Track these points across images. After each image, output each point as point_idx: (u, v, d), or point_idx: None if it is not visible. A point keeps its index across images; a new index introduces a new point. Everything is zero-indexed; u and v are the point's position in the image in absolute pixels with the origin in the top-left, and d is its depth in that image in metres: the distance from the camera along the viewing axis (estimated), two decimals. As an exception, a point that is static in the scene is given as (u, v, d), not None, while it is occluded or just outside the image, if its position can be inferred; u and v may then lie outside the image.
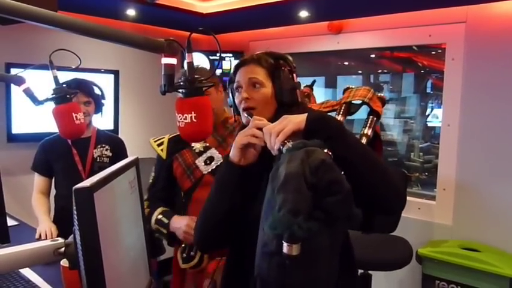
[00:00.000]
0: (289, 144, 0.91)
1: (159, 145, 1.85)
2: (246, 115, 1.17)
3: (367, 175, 0.97)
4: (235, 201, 1.10)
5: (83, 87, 2.23)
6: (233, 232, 1.15)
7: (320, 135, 0.93)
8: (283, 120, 0.98)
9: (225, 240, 1.21)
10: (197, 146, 1.79)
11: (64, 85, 2.06)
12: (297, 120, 0.97)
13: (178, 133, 1.79)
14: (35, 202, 2.24)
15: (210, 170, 1.74)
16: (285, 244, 0.80)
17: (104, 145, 2.35)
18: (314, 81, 1.81)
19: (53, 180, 2.34)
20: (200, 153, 1.78)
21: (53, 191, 2.35)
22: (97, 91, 2.33)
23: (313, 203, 0.81)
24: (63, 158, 2.28)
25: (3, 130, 3.01)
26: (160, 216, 1.75)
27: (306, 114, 0.99)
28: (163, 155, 1.82)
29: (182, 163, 1.78)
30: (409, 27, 2.92)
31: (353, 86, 1.38)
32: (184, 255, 1.75)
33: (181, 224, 1.69)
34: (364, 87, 1.34)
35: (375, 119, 1.29)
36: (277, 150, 0.94)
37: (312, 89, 1.75)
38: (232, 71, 1.27)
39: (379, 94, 1.33)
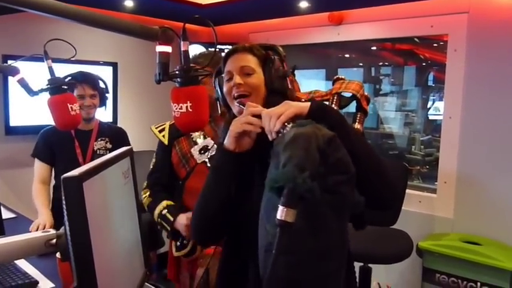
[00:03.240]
0: (291, 125, 0.88)
1: (160, 131, 1.85)
2: (237, 104, 1.14)
3: (364, 167, 0.95)
4: (231, 189, 1.08)
5: (90, 80, 2.25)
6: (229, 222, 1.14)
7: (321, 123, 0.91)
8: (284, 104, 0.97)
9: (222, 231, 1.19)
10: (195, 134, 1.78)
11: (69, 77, 2.08)
12: (299, 105, 0.97)
13: None
14: (36, 193, 2.20)
15: (203, 159, 1.74)
16: (280, 208, 0.74)
17: (104, 138, 2.36)
18: (295, 67, 1.80)
19: (53, 170, 2.32)
20: (196, 142, 1.77)
21: (52, 182, 2.33)
22: (101, 84, 2.34)
23: (320, 181, 0.77)
24: (66, 149, 2.27)
25: (1, 123, 2.99)
26: (165, 212, 1.73)
27: (309, 102, 0.99)
28: (165, 141, 1.81)
29: (178, 151, 1.78)
30: (411, 18, 2.88)
31: (343, 76, 1.36)
32: (178, 243, 1.76)
33: (184, 220, 1.68)
34: (357, 82, 1.32)
35: (363, 116, 1.28)
36: (277, 132, 0.92)
37: (294, 75, 1.74)
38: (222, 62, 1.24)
39: (365, 93, 1.32)
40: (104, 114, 2.54)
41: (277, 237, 0.75)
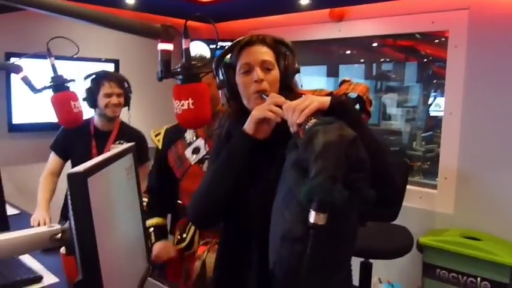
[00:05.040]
0: (315, 120, 0.91)
1: (156, 135, 1.92)
2: (260, 95, 1.14)
3: (375, 166, 0.95)
4: (243, 173, 1.11)
5: (117, 79, 2.26)
6: (231, 207, 1.16)
7: (340, 118, 0.93)
8: (306, 98, 0.99)
9: (223, 215, 1.20)
10: (188, 136, 1.83)
11: (94, 75, 2.16)
12: (321, 100, 0.99)
13: (175, 123, 1.83)
14: (41, 182, 2.22)
15: (196, 160, 1.78)
16: (312, 213, 0.79)
17: (122, 142, 2.31)
18: None
19: (71, 166, 2.33)
20: (190, 144, 1.82)
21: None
22: (125, 84, 2.35)
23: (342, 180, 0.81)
24: (82, 148, 2.27)
25: (4, 120, 3.01)
26: (151, 230, 1.86)
27: (328, 97, 1.01)
28: (159, 145, 1.89)
29: (175, 154, 1.84)
30: (412, 14, 2.89)
31: (349, 79, 1.38)
32: (179, 236, 1.81)
33: (154, 251, 1.81)
34: (364, 84, 1.34)
35: (367, 117, 1.30)
36: (299, 125, 0.94)
37: None
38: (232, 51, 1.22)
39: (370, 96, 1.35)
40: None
41: (311, 240, 0.81)
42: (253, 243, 1.16)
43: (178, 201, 1.90)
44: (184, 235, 1.80)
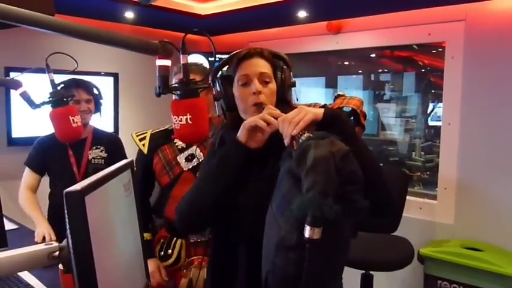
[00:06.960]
0: (309, 134, 0.92)
1: (141, 140, 1.87)
2: (259, 109, 1.15)
3: (368, 176, 0.96)
4: (232, 180, 1.11)
5: (83, 85, 2.22)
6: (220, 216, 1.17)
7: (334, 130, 0.94)
8: (300, 110, 1.00)
9: (209, 222, 1.22)
10: (179, 142, 1.80)
11: (62, 85, 2.08)
12: (315, 111, 1.00)
13: (161, 128, 1.85)
14: (26, 200, 2.19)
15: (190, 166, 1.76)
16: (307, 228, 0.81)
17: (99, 146, 2.31)
18: None
19: (49, 178, 2.31)
20: (182, 150, 1.80)
21: (47, 190, 2.32)
22: (95, 90, 2.31)
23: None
24: (60, 159, 2.25)
25: (3, 134, 3.02)
26: None
27: (322, 109, 1.02)
28: (145, 150, 1.84)
29: (162, 159, 1.80)
30: (409, 26, 2.91)
31: (343, 93, 1.40)
32: (162, 253, 1.78)
33: (153, 267, 1.74)
34: (358, 98, 1.36)
35: (361, 130, 1.31)
36: (292, 138, 0.95)
37: None
38: (229, 63, 1.25)
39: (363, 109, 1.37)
40: (105, 125, 2.53)
41: (307, 254, 0.82)
42: (241, 254, 1.16)
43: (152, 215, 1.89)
44: (170, 251, 1.77)
